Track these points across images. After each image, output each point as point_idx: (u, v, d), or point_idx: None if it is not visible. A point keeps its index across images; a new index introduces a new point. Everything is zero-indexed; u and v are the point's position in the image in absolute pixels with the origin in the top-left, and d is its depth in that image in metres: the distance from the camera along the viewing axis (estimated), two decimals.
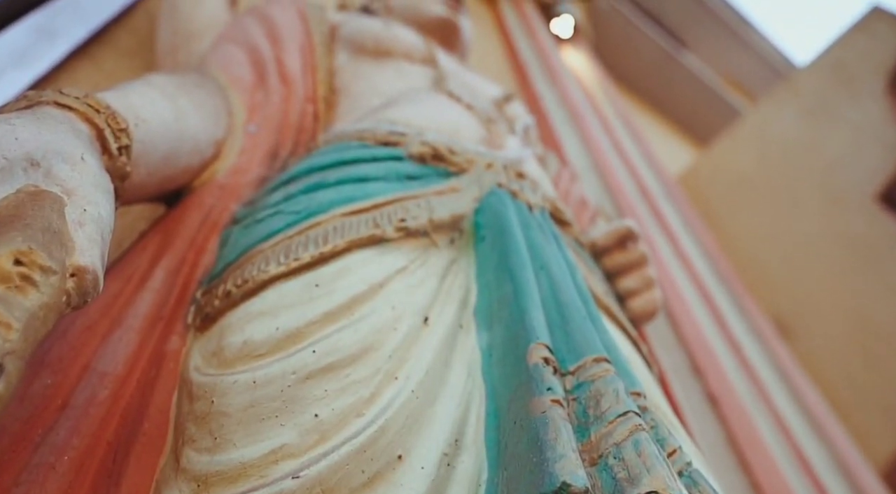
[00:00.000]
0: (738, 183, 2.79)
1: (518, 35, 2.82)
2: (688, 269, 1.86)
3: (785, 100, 2.59)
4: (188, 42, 0.96)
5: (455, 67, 1.12)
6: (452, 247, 0.66)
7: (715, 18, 4.26)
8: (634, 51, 3.89)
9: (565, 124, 2.27)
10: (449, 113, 0.86)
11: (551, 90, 2.47)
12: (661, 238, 1.94)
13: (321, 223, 0.60)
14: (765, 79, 4.63)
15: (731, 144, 2.84)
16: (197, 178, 0.72)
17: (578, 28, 3.16)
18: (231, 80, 0.85)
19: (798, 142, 2.48)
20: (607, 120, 2.55)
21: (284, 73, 0.90)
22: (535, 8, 3.11)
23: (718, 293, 1.93)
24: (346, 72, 0.99)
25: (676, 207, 2.24)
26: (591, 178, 2.02)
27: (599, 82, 3.04)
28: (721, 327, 1.65)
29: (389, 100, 0.89)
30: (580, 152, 2.14)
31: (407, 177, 0.70)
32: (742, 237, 2.69)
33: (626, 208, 1.91)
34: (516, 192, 0.73)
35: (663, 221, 2.02)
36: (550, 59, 2.65)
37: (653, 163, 2.44)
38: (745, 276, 2.43)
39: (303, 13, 1.05)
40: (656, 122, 4.17)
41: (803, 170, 2.44)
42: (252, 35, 0.94)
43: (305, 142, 0.87)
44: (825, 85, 2.42)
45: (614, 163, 2.18)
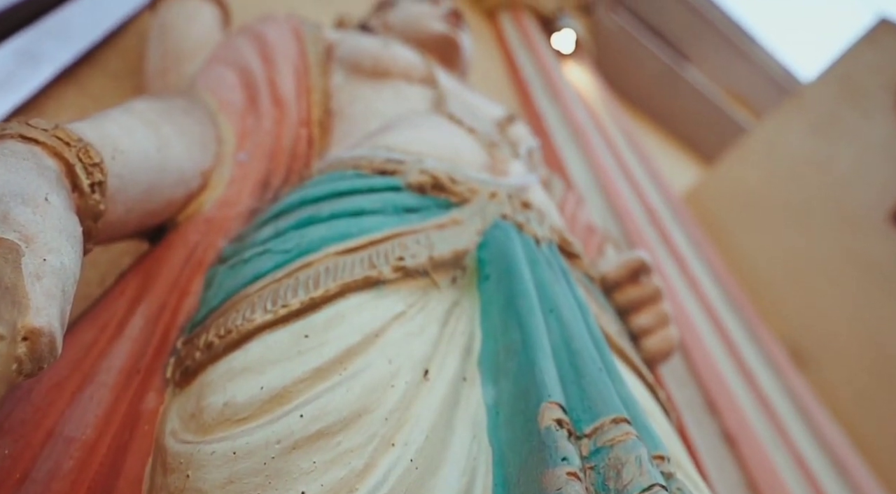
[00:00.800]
0: (746, 201, 2.74)
1: (519, 50, 2.80)
2: (698, 295, 1.81)
3: (792, 116, 2.55)
4: (178, 64, 0.93)
5: (455, 87, 1.09)
6: (454, 287, 0.61)
7: (717, 33, 4.25)
8: (636, 65, 3.87)
9: (569, 144, 2.23)
10: (449, 137, 0.82)
11: (554, 108, 2.44)
12: (671, 263, 1.89)
13: (312, 263, 0.56)
14: (767, 93, 4.61)
15: (738, 161, 2.80)
16: (182, 212, 0.68)
17: (580, 43, 3.14)
18: (221, 105, 0.81)
19: (807, 158, 2.45)
20: (611, 138, 2.52)
21: (277, 95, 0.87)
22: (536, 22, 3.09)
23: (730, 320, 1.89)
24: (343, 93, 0.96)
25: (685, 230, 2.20)
26: (596, 200, 1.98)
27: (602, 99, 3.01)
28: (735, 358, 1.60)
29: (387, 124, 0.86)
30: (584, 173, 2.10)
31: (405, 209, 0.66)
32: (750, 257, 2.64)
33: (634, 232, 1.86)
34: (522, 225, 0.69)
35: (672, 245, 1.97)
36: (552, 76, 2.63)
37: (659, 184, 2.40)
38: (756, 300, 2.38)
39: (298, 32, 1.02)
40: (659, 138, 4.15)
41: (813, 188, 2.39)
42: (244, 55, 0.90)
43: (299, 169, 0.83)
44: (833, 100, 2.38)
45: (620, 185, 2.14)
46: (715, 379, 1.37)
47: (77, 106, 1.00)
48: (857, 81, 2.32)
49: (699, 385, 1.28)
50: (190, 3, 1.01)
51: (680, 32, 4.15)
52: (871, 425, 2.01)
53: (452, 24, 1.29)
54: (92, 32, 1.06)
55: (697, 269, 2.03)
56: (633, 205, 2.08)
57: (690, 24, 4.14)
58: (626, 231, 1.89)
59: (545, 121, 2.35)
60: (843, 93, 2.35)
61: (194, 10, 1.00)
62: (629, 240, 1.87)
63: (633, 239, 1.87)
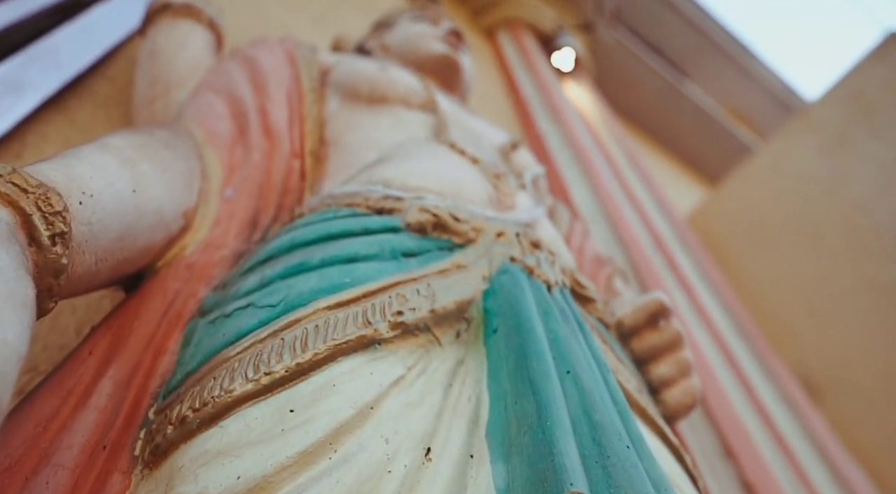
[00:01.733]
0: (752, 223, 2.69)
1: (518, 70, 2.77)
2: (709, 327, 1.76)
3: (799, 135, 2.50)
4: (166, 91, 0.88)
5: (456, 112, 1.04)
6: (458, 343, 0.56)
7: (717, 49, 4.23)
8: (636, 83, 3.85)
9: (571, 166, 2.19)
10: (451, 169, 0.77)
11: (555, 129, 2.40)
12: (679, 292, 1.84)
13: (300, 320, 0.50)
14: (769, 110, 4.59)
15: (743, 182, 2.75)
16: (161, 257, 0.63)
17: (580, 61, 3.11)
18: (208, 136, 0.76)
19: (816, 179, 2.39)
20: (614, 160, 2.48)
21: (268, 125, 0.81)
22: (535, 41, 3.06)
23: (742, 353, 1.83)
24: (338, 121, 0.90)
25: (692, 257, 2.15)
26: (600, 226, 1.93)
27: (603, 118, 2.98)
28: (751, 397, 1.54)
29: (385, 155, 0.80)
30: (588, 197, 2.05)
31: (404, 253, 0.61)
32: (757, 281, 2.57)
33: (640, 259, 1.81)
34: (532, 269, 0.64)
35: (679, 273, 1.92)
36: (553, 96, 2.59)
37: (664, 209, 2.35)
38: (765, 327, 2.31)
39: (291, 55, 0.97)
40: (660, 156, 4.11)
41: (824, 211, 2.34)
42: (234, 82, 0.85)
43: (290, 204, 0.78)
44: (842, 118, 2.34)
45: (624, 210, 2.09)
46: (730, 420, 1.30)
47: (62, 136, 0.95)
48: (868, 99, 2.27)
49: (714, 428, 1.21)
50: (180, 28, 0.96)
51: (680, 50, 4.13)
52: (887, 458, 1.93)
53: (452, 44, 1.24)
54: (80, 59, 1.01)
55: (706, 299, 1.98)
56: (638, 231, 2.03)
57: (690, 41, 4.12)
58: (631, 258, 1.84)
59: (547, 143, 2.31)
60: (852, 111, 2.31)
61: (184, 36, 0.95)
62: (635, 267, 1.81)
63: (639, 267, 1.81)
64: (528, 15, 3.01)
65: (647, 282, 1.77)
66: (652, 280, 1.78)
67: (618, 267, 1.35)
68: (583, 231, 1.21)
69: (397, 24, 1.34)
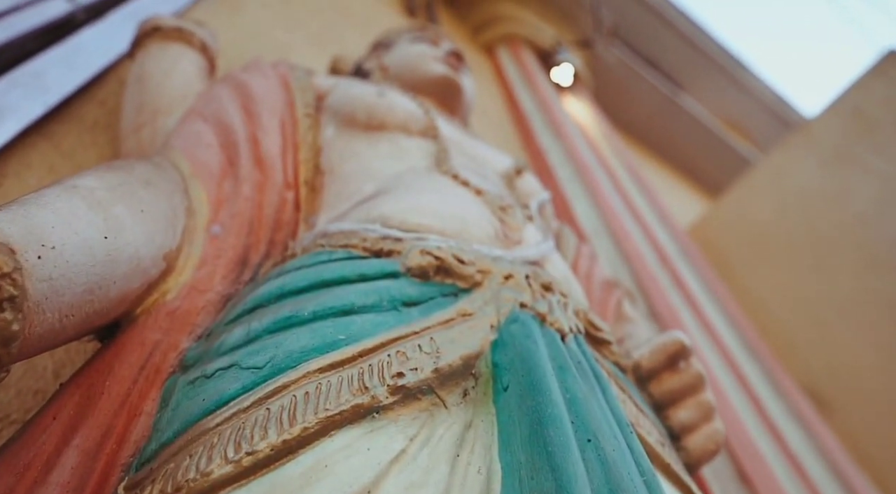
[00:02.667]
0: (754, 236, 2.63)
1: (518, 85, 2.72)
2: (717, 344, 1.69)
3: (800, 149, 2.45)
4: (154, 118, 0.82)
5: (458, 136, 0.98)
6: (466, 404, 0.49)
7: (711, 62, 4.19)
8: (634, 96, 3.80)
9: (573, 181, 2.13)
10: (454, 203, 0.71)
11: (556, 144, 2.35)
12: (686, 309, 1.77)
13: (288, 386, 0.44)
14: (762, 120, 4.55)
15: (744, 195, 2.69)
16: (140, 304, 0.56)
17: (578, 76, 3.06)
18: (195, 168, 0.70)
19: (818, 193, 2.34)
20: (615, 174, 2.42)
21: (260, 155, 0.75)
22: (534, 57, 3.02)
23: (752, 371, 1.76)
24: (334, 149, 0.84)
25: (699, 273, 2.08)
26: (604, 242, 1.87)
27: (603, 132, 2.92)
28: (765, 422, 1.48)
29: (383, 187, 0.74)
30: (591, 213, 2.00)
31: (404, 302, 0.54)
32: (762, 295, 2.51)
33: (645, 276, 1.75)
34: (544, 316, 0.57)
35: (686, 290, 1.85)
36: (553, 111, 2.54)
37: (668, 223, 2.29)
38: (772, 342, 2.25)
39: (285, 80, 0.91)
40: (657, 168, 4.06)
41: (827, 225, 2.28)
42: (224, 109, 0.79)
43: (283, 240, 0.72)
44: (844, 133, 2.28)
45: (628, 225, 2.03)
46: (744, 444, 1.24)
47: (45, 163, 0.89)
48: (868, 115, 2.22)
49: (727, 451, 1.14)
50: (170, 51, 0.91)
51: (675, 63, 4.09)
52: None
53: (453, 65, 1.19)
54: (68, 83, 0.95)
55: (713, 314, 1.91)
56: (643, 248, 1.96)
57: (685, 55, 4.08)
58: (637, 275, 1.78)
59: (548, 158, 2.25)
60: (853, 126, 2.26)
61: (174, 60, 0.89)
62: (641, 285, 1.75)
63: (645, 284, 1.75)
64: (527, 31, 2.96)
65: (654, 300, 1.70)
66: (658, 297, 1.72)
67: (626, 290, 1.29)
68: (590, 255, 1.15)
69: (396, 44, 1.28)
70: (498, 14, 2.94)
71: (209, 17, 1.39)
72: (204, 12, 1.40)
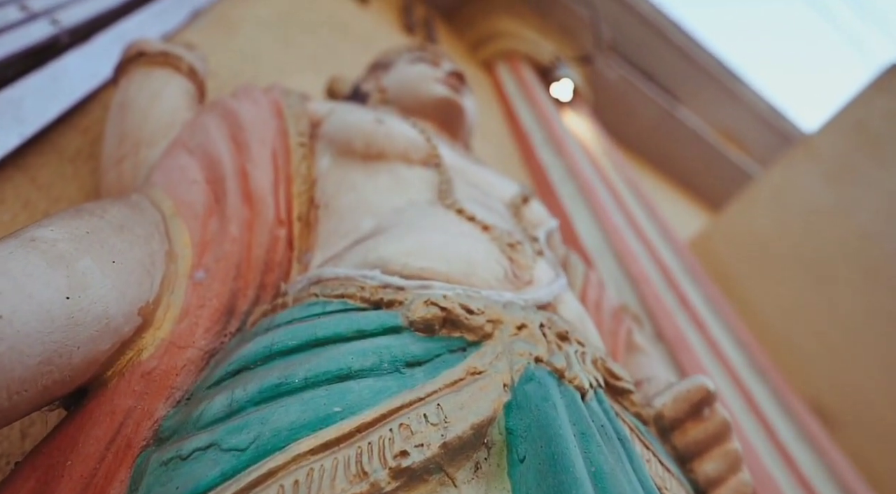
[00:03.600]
0: (756, 250, 2.57)
1: (518, 101, 2.67)
2: (725, 367, 1.62)
3: (803, 163, 2.40)
4: (136, 150, 0.76)
5: (461, 163, 0.92)
6: (477, 480, 0.43)
7: (707, 74, 4.16)
8: (632, 110, 3.76)
9: (575, 199, 2.07)
10: (460, 242, 0.65)
11: (557, 160, 2.29)
12: (693, 331, 1.71)
13: (275, 472, 0.38)
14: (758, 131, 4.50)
15: (745, 209, 2.64)
16: (111, 366, 0.50)
17: (578, 91, 3.01)
18: (179, 207, 0.63)
19: (821, 208, 2.28)
20: (617, 191, 2.36)
21: (249, 190, 0.69)
22: (533, 72, 2.97)
23: (760, 392, 1.69)
24: (330, 180, 0.78)
25: (704, 293, 2.02)
26: (607, 261, 1.81)
27: (603, 147, 2.87)
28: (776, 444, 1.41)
29: (383, 224, 0.68)
30: (594, 232, 1.94)
31: (407, 362, 0.48)
32: (764, 310, 2.46)
33: (651, 298, 1.68)
34: (562, 372, 0.51)
35: (692, 311, 1.79)
36: (554, 127, 2.48)
37: (672, 241, 2.23)
38: (776, 358, 2.19)
39: (278, 106, 0.85)
40: (656, 181, 4.01)
41: (830, 239, 2.23)
42: (211, 140, 0.73)
43: (274, 282, 0.65)
44: (846, 147, 2.23)
45: (631, 243, 1.97)
46: (754, 466, 1.17)
47: (20, 198, 0.82)
48: (871, 129, 2.17)
49: None
50: (156, 78, 0.85)
51: (673, 76, 4.05)
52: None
53: (454, 86, 1.13)
54: (47, 111, 0.89)
55: (719, 335, 1.85)
56: (647, 266, 1.90)
57: (682, 67, 4.05)
58: (642, 297, 1.71)
59: (549, 175, 2.20)
60: (856, 140, 2.21)
61: (160, 86, 0.83)
62: (646, 306, 1.69)
63: (650, 305, 1.68)
64: (526, 47, 2.92)
65: (661, 322, 1.64)
66: (665, 319, 1.66)
67: (633, 314, 1.23)
68: (598, 282, 1.09)
69: (395, 64, 1.23)
70: (497, 30, 2.90)
71: (201, 39, 1.33)
72: (196, 33, 1.34)
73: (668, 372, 0.98)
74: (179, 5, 1.35)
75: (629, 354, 1.03)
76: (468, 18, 2.96)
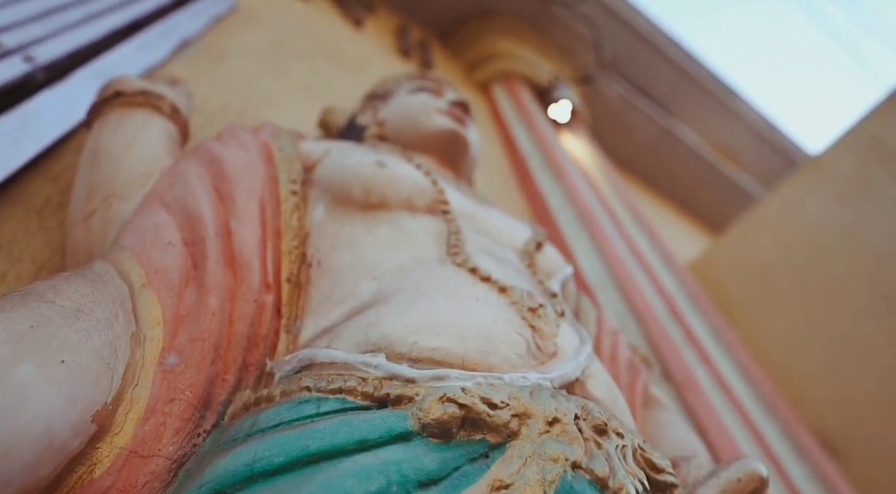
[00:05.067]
0: (760, 273, 2.49)
1: (515, 124, 2.60)
2: (734, 404, 1.53)
3: (810, 183, 2.33)
4: (108, 204, 0.66)
5: (469, 207, 0.83)
6: None
7: (705, 92, 4.11)
8: (630, 129, 3.70)
9: (575, 227, 1.99)
10: (476, 312, 0.55)
11: (556, 186, 2.21)
12: (700, 367, 1.62)
13: None
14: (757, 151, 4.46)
15: (749, 230, 2.56)
16: (57, 488, 0.40)
17: (576, 112, 2.94)
18: (150, 276, 0.54)
19: (831, 229, 2.21)
20: (617, 216, 2.28)
21: (233, 253, 0.60)
22: (531, 94, 2.90)
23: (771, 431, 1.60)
24: (324, 234, 0.69)
25: (710, 324, 1.93)
26: (611, 295, 1.72)
27: (602, 169, 2.80)
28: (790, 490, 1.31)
29: (385, 289, 0.59)
30: (595, 261, 1.85)
31: (420, 482, 0.39)
32: (769, 334, 2.37)
33: (657, 332, 1.59)
34: (605, 482, 0.42)
35: (698, 345, 1.70)
36: (553, 151, 2.41)
37: (676, 270, 2.15)
38: (781, 387, 2.10)
39: (267, 150, 0.76)
40: (653, 200, 3.94)
41: (841, 261, 2.14)
42: (191, 192, 0.64)
43: (258, 360, 0.56)
44: (859, 165, 2.16)
45: (636, 274, 1.88)
46: None
47: None
48: (886, 145, 2.09)
49: None
50: (132, 120, 0.76)
51: (670, 94, 4.00)
52: None
53: (458, 117, 1.05)
54: (12, 161, 0.80)
55: (727, 370, 1.76)
56: (652, 300, 1.81)
57: (680, 85, 4.00)
58: (647, 331, 1.62)
59: (548, 202, 2.11)
60: (869, 158, 2.13)
61: (136, 130, 0.74)
62: (652, 341, 1.59)
63: (656, 340, 1.59)
64: (524, 68, 2.85)
65: (667, 359, 1.55)
66: (672, 355, 1.56)
67: (643, 357, 1.15)
68: (611, 330, 0.99)
69: (394, 95, 1.14)
70: (494, 51, 2.84)
71: (188, 71, 1.25)
72: (183, 65, 1.26)
73: (690, 430, 0.89)
74: (166, 36, 1.27)
75: (647, 409, 0.94)
76: (465, 40, 2.89)
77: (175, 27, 1.30)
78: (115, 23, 1.17)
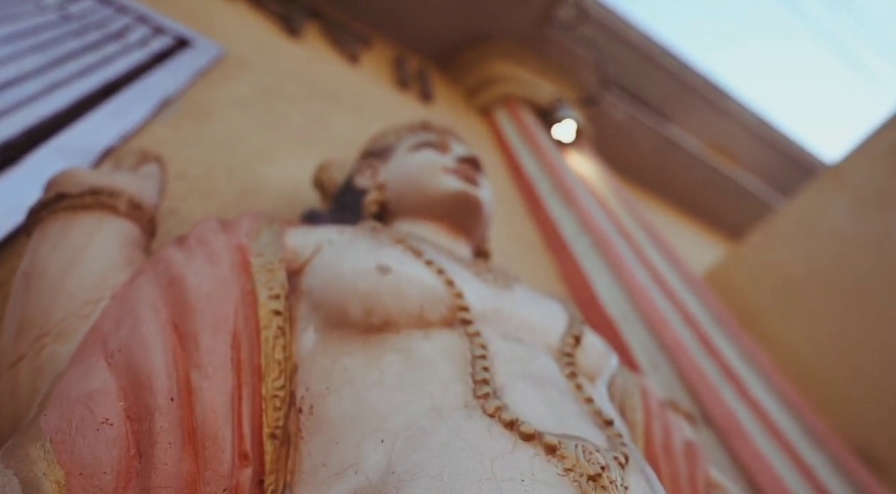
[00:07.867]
0: (782, 283, 2.31)
1: (520, 148, 2.42)
2: (783, 446, 1.35)
3: (831, 191, 2.15)
4: (39, 346, 0.50)
5: (491, 301, 0.65)
6: None
7: (700, 96, 3.93)
8: (633, 140, 3.52)
9: (591, 256, 1.81)
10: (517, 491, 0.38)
11: (568, 212, 2.04)
12: (740, 405, 1.43)
13: None
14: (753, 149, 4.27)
15: (769, 240, 2.38)
16: None
17: (580, 130, 2.76)
18: (72, 480, 0.37)
19: (854, 236, 2.03)
20: (634, 239, 2.10)
21: (193, 424, 0.43)
22: (533, 115, 2.73)
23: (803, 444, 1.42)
24: (317, 370, 0.52)
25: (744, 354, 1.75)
26: (635, 329, 1.54)
27: (610, 187, 2.62)
28: None
29: (396, 466, 0.42)
30: (615, 292, 1.67)
31: None
32: (793, 344, 2.19)
33: (691, 371, 1.41)
34: None
35: (736, 380, 1.52)
36: (561, 174, 2.23)
37: (700, 294, 1.96)
38: (812, 397, 1.93)
39: (243, 257, 0.59)
40: (662, 211, 3.75)
41: (866, 269, 1.97)
42: (141, 339, 0.47)
43: None
44: (880, 172, 1.99)
45: (660, 304, 1.70)
46: None
47: None
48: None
49: None
50: (79, 228, 0.59)
51: (670, 102, 3.82)
52: None
53: (468, 176, 0.88)
54: None
55: (769, 404, 1.57)
56: (681, 332, 1.63)
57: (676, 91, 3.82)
58: (679, 369, 1.44)
59: (561, 230, 1.94)
60: (890, 165, 1.95)
61: (83, 241, 0.58)
62: (685, 380, 1.42)
63: (689, 378, 1.41)
64: (524, 90, 2.68)
65: (705, 401, 1.37)
66: (710, 397, 1.39)
67: (686, 412, 0.98)
68: (659, 412, 0.82)
69: (394, 152, 0.98)
70: (493, 75, 2.67)
71: (169, 133, 1.09)
72: (162, 127, 1.09)
73: None
74: (143, 97, 1.10)
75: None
76: (463, 66, 2.73)
77: (153, 86, 1.14)
78: (83, 89, 1.01)
